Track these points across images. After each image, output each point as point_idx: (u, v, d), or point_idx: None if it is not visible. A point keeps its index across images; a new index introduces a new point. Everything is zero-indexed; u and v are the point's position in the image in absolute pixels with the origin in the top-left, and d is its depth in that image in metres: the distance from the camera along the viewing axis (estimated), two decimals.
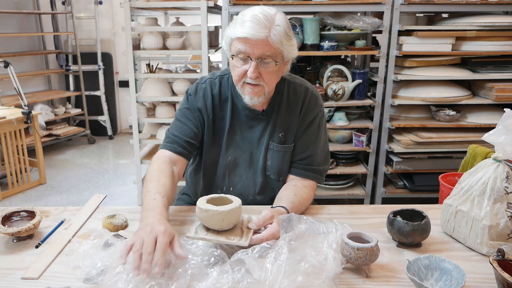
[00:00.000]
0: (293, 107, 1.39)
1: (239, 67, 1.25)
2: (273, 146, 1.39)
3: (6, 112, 3.41)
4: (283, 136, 1.39)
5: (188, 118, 1.38)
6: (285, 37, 1.22)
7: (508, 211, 1.11)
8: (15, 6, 4.49)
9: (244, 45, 1.20)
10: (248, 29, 1.18)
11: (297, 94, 1.40)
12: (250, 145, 1.41)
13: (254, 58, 1.21)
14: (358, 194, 3.04)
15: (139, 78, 3.38)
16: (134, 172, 3.75)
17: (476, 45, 2.72)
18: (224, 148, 1.40)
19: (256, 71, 1.22)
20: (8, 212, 1.24)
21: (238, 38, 1.21)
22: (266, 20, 1.19)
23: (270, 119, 1.39)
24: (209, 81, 1.41)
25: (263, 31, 1.18)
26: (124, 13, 2.85)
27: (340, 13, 2.81)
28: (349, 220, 1.32)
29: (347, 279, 1.02)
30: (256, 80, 1.24)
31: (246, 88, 1.28)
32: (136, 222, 1.30)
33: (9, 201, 3.35)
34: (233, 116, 1.39)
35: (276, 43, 1.20)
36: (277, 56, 1.23)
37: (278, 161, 1.40)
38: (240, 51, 1.22)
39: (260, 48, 1.20)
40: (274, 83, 1.31)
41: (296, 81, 1.43)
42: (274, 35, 1.19)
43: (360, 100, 2.87)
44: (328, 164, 1.48)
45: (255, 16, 1.19)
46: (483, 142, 1.21)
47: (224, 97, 1.40)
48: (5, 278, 1.03)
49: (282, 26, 1.21)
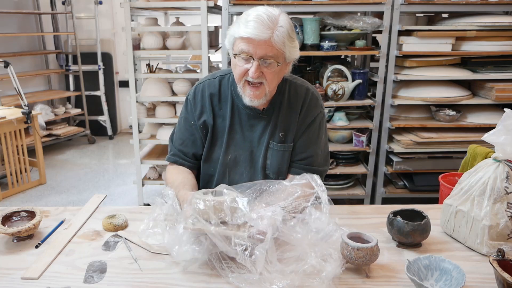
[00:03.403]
0: (294, 107, 1.40)
1: (240, 66, 1.26)
2: (273, 146, 1.40)
3: (6, 112, 3.42)
4: (283, 135, 1.40)
5: (187, 128, 1.44)
6: (287, 38, 1.23)
7: (508, 211, 1.11)
8: (15, 6, 4.49)
9: (247, 45, 1.21)
10: (251, 29, 1.19)
11: (298, 95, 1.41)
12: (251, 144, 1.41)
13: (256, 58, 1.22)
14: (358, 194, 3.04)
15: (139, 78, 3.38)
16: (134, 172, 3.75)
17: (476, 45, 2.71)
18: (225, 147, 1.41)
19: (258, 70, 1.23)
20: (8, 212, 1.24)
21: (242, 38, 1.22)
22: (270, 21, 1.20)
23: (271, 118, 1.39)
24: (208, 82, 1.43)
25: (266, 31, 1.19)
26: (124, 13, 2.85)
27: (340, 13, 2.81)
28: (349, 220, 1.33)
29: (347, 279, 1.02)
30: (258, 78, 1.25)
31: (247, 89, 1.29)
32: (136, 222, 1.31)
33: (9, 201, 3.35)
34: (233, 115, 1.40)
35: (279, 44, 1.21)
36: (279, 57, 1.24)
37: (278, 160, 1.41)
38: (243, 51, 1.23)
39: (263, 49, 1.21)
40: (275, 83, 1.32)
41: (297, 82, 1.44)
42: (277, 36, 1.20)
43: (360, 100, 2.87)
44: (328, 165, 1.48)
45: (259, 17, 1.20)
46: (483, 142, 1.21)
47: (224, 96, 1.41)
48: (5, 278, 1.03)
49: (285, 27, 1.22)
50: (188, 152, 1.43)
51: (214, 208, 1.04)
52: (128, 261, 1.11)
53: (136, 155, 3.11)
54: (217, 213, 1.04)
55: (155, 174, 3.23)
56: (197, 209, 1.05)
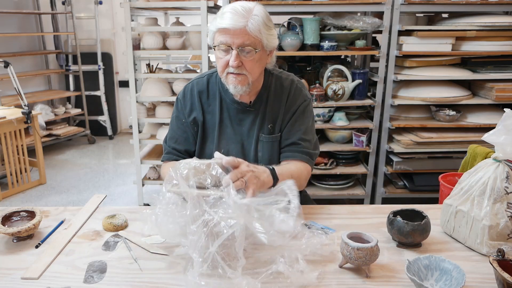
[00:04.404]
0: (280, 99, 1.45)
1: (221, 58, 1.31)
2: (263, 138, 1.44)
3: (6, 112, 3.42)
4: (272, 127, 1.44)
5: (179, 127, 1.48)
6: (263, 26, 1.28)
7: (508, 211, 1.11)
8: (15, 6, 4.49)
9: (224, 36, 1.27)
10: (227, 19, 1.25)
11: (284, 87, 1.46)
12: (241, 138, 1.45)
13: (235, 47, 1.27)
14: (358, 194, 3.04)
15: (139, 78, 3.38)
16: (134, 172, 3.75)
17: (476, 45, 2.71)
18: (216, 142, 1.45)
19: (238, 59, 1.28)
20: (8, 212, 1.24)
21: (219, 30, 1.28)
22: (244, 11, 1.26)
23: (259, 111, 1.44)
24: (196, 81, 1.49)
25: (241, 20, 1.25)
26: (124, 13, 2.85)
27: (340, 13, 2.81)
28: (349, 220, 1.33)
29: (347, 279, 1.02)
30: (238, 69, 1.30)
31: (230, 78, 1.33)
32: (136, 222, 1.31)
33: (9, 201, 3.35)
34: (222, 111, 1.45)
35: (255, 31, 1.26)
36: (257, 45, 1.29)
37: (269, 151, 1.44)
38: (221, 42, 1.28)
39: (240, 38, 1.26)
40: (257, 72, 1.35)
41: (282, 76, 1.49)
42: (252, 24, 1.25)
43: (360, 100, 2.87)
44: (317, 150, 1.50)
45: (234, 8, 1.27)
46: (483, 142, 1.21)
47: (212, 93, 1.46)
48: (5, 278, 1.03)
49: (260, 16, 1.28)
50: (182, 150, 1.48)
51: (195, 169, 1.04)
52: (128, 261, 1.11)
53: (136, 155, 3.11)
54: (198, 175, 1.04)
55: (155, 174, 3.23)
56: (179, 173, 1.05)
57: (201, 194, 1.02)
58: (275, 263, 1.00)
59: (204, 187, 1.05)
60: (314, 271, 1.01)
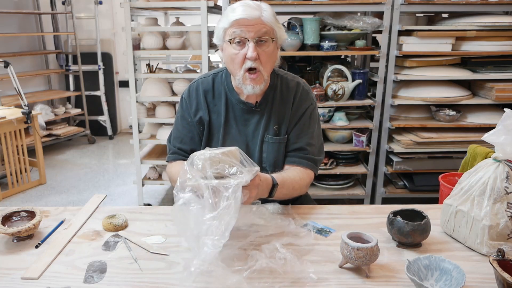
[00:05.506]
0: (286, 100, 1.44)
1: (237, 53, 1.30)
2: (268, 139, 1.43)
3: (6, 112, 3.42)
4: (277, 128, 1.43)
5: (184, 126, 1.47)
6: (274, 18, 1.32)
7: (508, 211, 1.11)
8: (15, 6, 4.49)
9: (239, 28, 1.27)
10: (241, 11, 1.27)
11: (290, 88, 1.45)
12: (246, 138, 1.44)
13: (251, 38, 1.27)
14: (358, 194, 3.04)
15: (139, 78, 3.38)
16: (134, 172, 3.75)
17: (476, 45, 2.71)
18: (221, 142, 1.44)
19: (256, 50, 1.28)
20: (8, 212, 1.24)
21: (233, 23, 1.27)
22: (255, 5, 1.30)
23: (264, 112, 1.43)
24: (201, 80, 1.48)
25: (255, 11, 1.28)
26: (124, 13, 2.85)
27: (340, 13, 2.81)
28: (349, 220, 1.33)
29: (347, 279, 1.02)
30: (256, 62, 1.29)
31: (247, 77, 1.32)
32: (136, 222, 1.31)
33: (9, 201, 3.35)
34: (227, 111, 1.44)
35: (269, 21, 1.29)
36: (272, 34, 1.31)
37: (273, 153, 1.43)
38: (237, 34, 1.28)
39: (256, 27, 1.27)
40: (270, 67, 1.36)
41: (288, 77, 1.49)
42: (265, 14, 1.29)
43: (360, 100, 2.87)
44: (322, 155, 1.50)
45: (244, 3, 1.30)
46: (483, 142, 1.21)
47: (217, 92, 1.45)
48: (5, 278, 1.03)
49: (270, 10, 1.32)
50: (187, 149, 1.45)
51: (211, 160, 1.03)
52: (128, 261, 1.11)
53: (136, 155, 3.11)
54: (214, 165, 1.03)
55: (155, 174, 3.23)
56: (195, 166, 1.04)
57: (221, 184, 1.01)
58: (257, 259, 1.01)
59: (223, 176, 1.03)
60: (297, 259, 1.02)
